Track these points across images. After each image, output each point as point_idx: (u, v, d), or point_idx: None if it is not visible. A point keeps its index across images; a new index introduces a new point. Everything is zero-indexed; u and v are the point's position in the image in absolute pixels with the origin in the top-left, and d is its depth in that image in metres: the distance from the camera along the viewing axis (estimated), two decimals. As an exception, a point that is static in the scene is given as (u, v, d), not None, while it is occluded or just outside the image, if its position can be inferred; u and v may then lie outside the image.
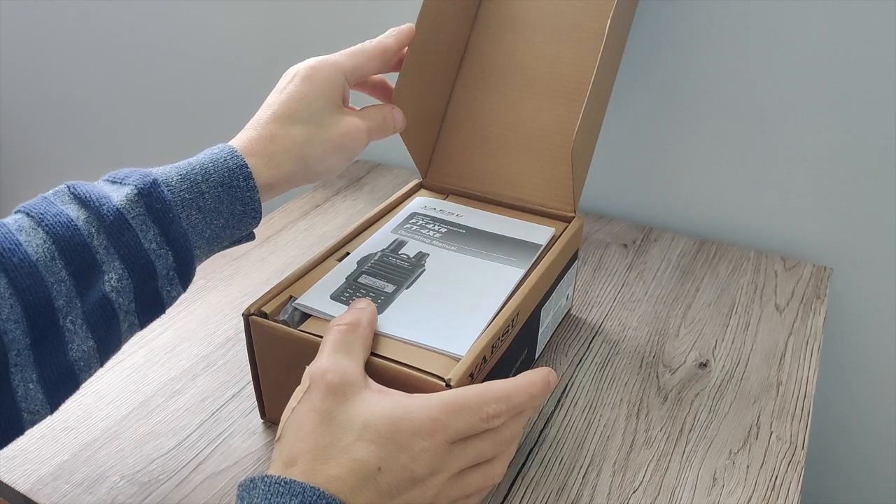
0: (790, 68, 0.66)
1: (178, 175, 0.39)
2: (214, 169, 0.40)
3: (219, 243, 0.42)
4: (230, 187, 0.40)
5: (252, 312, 0.44)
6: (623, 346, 0.59)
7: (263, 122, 0.44)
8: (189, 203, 0.39)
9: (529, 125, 0.58)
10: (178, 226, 0.38)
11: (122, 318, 0.38)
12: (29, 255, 0.34)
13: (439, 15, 0.55)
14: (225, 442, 0.49)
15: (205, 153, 0.42)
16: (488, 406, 0.35)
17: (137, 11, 1.04)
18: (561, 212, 0.55)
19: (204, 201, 0.39)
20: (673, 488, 0.46)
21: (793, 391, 0.54)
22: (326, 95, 0.45)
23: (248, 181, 0.41)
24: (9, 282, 0.33)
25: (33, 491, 0.45)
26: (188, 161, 0.41)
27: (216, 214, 0.40)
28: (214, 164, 0.40)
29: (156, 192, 0.38)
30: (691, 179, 0.75)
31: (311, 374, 0.36)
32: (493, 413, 0.35)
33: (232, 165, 0.41)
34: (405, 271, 0.48)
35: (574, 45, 0.58)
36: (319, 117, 0.44)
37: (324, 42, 0.90)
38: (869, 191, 0.67)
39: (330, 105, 0.45)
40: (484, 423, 0.35)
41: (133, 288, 0.38)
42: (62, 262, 0.35)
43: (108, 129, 1.20)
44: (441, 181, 0.60)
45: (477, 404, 0.35)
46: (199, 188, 0.39)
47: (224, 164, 0.40)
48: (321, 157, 0.44)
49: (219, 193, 0.40)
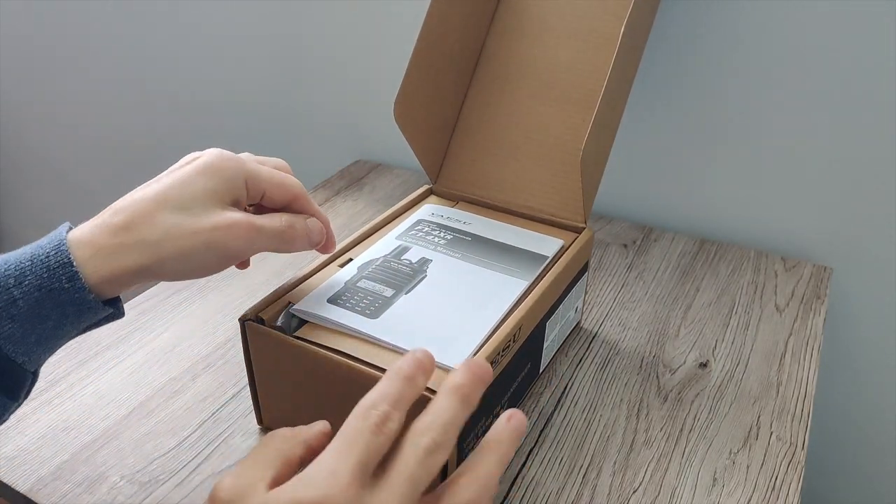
0: (790, 68, 0.66)
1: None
2: (31, 269, 0.35)
3: (60, 339, 0.37)
4: (49, 290, 0.35)
5: (248, 318, 0.44)
6: (623, 346, 0.59)
7: (130, 202, 0.38)
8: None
9: (543, 132, 0.57)
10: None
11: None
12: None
13: (447, 17, 0.54)
14: (225, 442, 0.49)
15: (33, 245, 0.36)
16: (369, 412, 0.30)
17: (139, 11, 1.04)
18: (571, 222, 0.54)
19: (17, 309, 0.34)
20: (673, 488, 0.46)
21: (793, 391, 0.54)
22: (212, 191, 0.38)
23: (74, 282, 0.35)
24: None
25: (33, 491, 0.45)
26: (7, 256, 0.36)
27: (38, 319, 0.35)
28: (33, 264, 0.35)
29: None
30: (691, 179, 0.75)
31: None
32: (378, 419, 0.30)
33: (53, 264, 0.35)
34: (406, 276, 0.47)
35: (591, 51, 0.57)
36: (194, 208, 0.38)
37: (325, 42, 0.90)
38: (869, 191, 0.67)
39: (212, 199, 0.38)
40: (377, 431, 0.30)
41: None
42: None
43: (109, 129, 1.20)
44: (451, 187, 0.59)
45: (360, 415, 0.30)
46: (9, 294, 0.34)
47: (43, 264, 0.35)
48: (183, 253, 0.37)
49: (36, 299, 0.35)
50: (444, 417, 0.31)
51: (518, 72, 0.59)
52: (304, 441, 0.33)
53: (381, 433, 0.30)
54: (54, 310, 0.35)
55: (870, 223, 0.69)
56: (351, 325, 0.42)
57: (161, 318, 0.61)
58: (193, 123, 1.09)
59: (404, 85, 0.52)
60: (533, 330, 0.48)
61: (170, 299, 0.63)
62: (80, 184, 1.33)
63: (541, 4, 0.59)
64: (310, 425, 0.34)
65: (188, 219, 0.37)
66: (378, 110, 0.91)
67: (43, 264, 0.35)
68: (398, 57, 0.83)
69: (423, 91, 0.54)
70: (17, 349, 0.35)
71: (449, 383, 0.32)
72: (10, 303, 0.34)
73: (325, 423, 0.34)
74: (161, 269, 0.37)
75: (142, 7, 1.03)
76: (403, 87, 0.52)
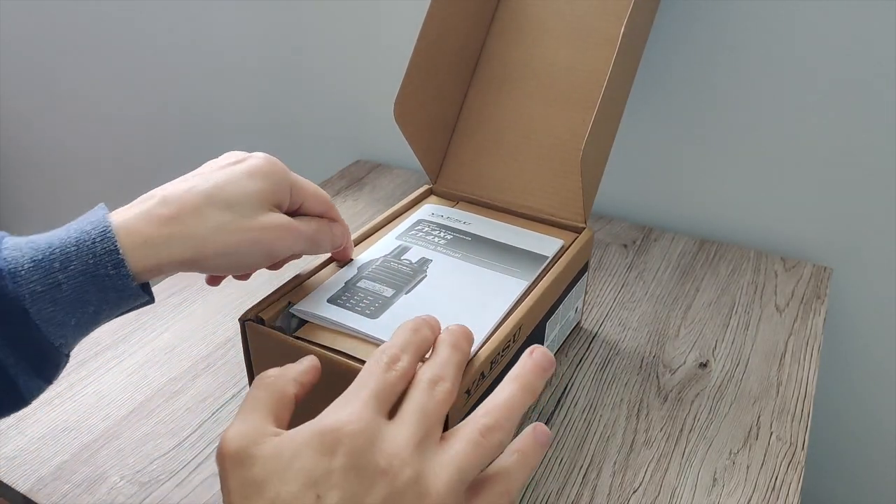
0: (790, 68, 0.66)
1: (30, 262, 0.34)
2: (77, 255, 0.35)
3: (97, 323, 0.37)
4: (94, 276, 0.35)
5: (248, 318, 0.44)
6: (623, 346, 0.59)
7: (178, 193, 0.38)
8: (41, 297, 0.34)
9: (543, 132, 0.57)
10: (22, 323, 0.34)
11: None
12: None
13: (448, 18, 0.54)
14: (225, 442, 0.49)
15: (75, 227, 0.36)
16: (380, 356, 0.32)
17: (142, 11, 1.04)
18: (571, 222, 0.54)
19: (61, 293, 0.34)
20: (673, 488, 0.46)
21: (793, 391, 0.54)
22: (262, 193, 0.40)
23: (119, 269, 0.35)
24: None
25: (33, 491, 0.45)
26: (51, 238, 0.35)
27: (80, 304, 0.35)
28: (78, 249, 0.35)
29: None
30: (691, 179, 0.75)
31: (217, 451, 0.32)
32: (389, 358, 0.32)
33: (99, 251, 0.35)
34: (406, 276, 0.47)
35: (591, 51, 0.57)
36: (242, 208, 0.39)
37: (325, 42, 0.90)
38: (869, 191, 0.67)
39: (260, 201, 0.40)
40: (387, 368, 0.32)
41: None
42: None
43: (110, 129, 1.20)
44: (451, 187, 0.59)
45: (371, 360, 0.32)
46: (54, 279, 0.34)
47: (89, 250, 0.35)
48: (228, 250, 0.38)
49: (81, 283, 0.35)
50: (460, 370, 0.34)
51: (518, 72, 0.59)
52: (294, 379, 0.34)
53: (391, 370, 0.32)
54: (96, 295, 0.35)
55: (870, 223, 0.69)
56: (351, 325, 0.42)
57: (161, 318, 0.61)
58: (193, 123, 1.09)
59: (404, 85, 0.52)
60: (533, 330, 0.48)
61: (170, 299, 0.63)
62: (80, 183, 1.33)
63: (541, 5, 0.59)
64: (297, 361, 0.35)
65: (236, 217, 0.39)
66: (378, 110, 0.91)
67: (89, 250, 0.35)
68: (398, 57, 0.83)
69: (423, 91, 0.54)
70: (57, 332, 0.35)
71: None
72: (55, 286, 0.34)
73: (312, 356, 0.36)
74: (204, 264, 0.38)
75: (141, 9, 1.03)
76: (403, 87, 0.52)
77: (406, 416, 0.30)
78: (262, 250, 0.40)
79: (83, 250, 0.35)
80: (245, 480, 0.29)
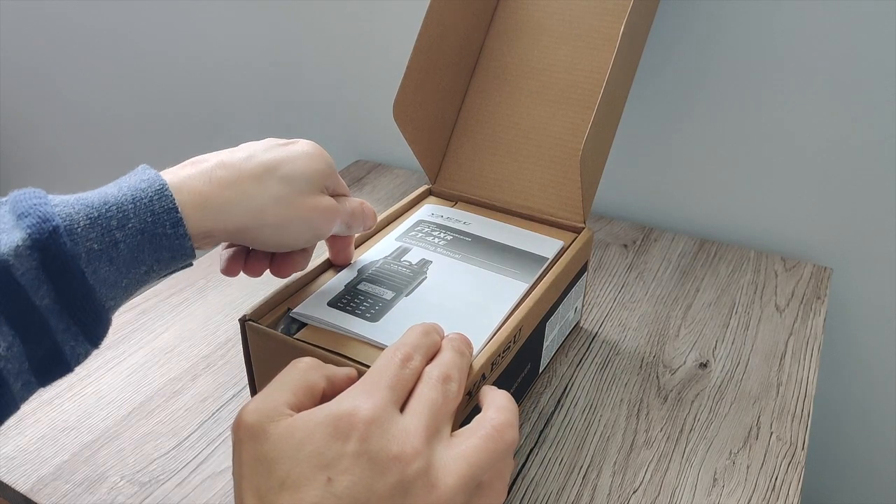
0: (790, 68, 0.66)
1: (86, 219, 0.33)
2: (135, 212, 0.34)
3: (144, 286, 0.36)
4: (153, 235, 0.34)
5: (248, 318, 0.43)
6: (623, 346, 0.59)
7: (237, 160, 0.38)
8: (98, 255, 0.33)
9: (542, 132, 0.57)
10: (80, 283, 0.32)
11: (13, 382, 0.32)
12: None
13: (447, 18, 0.54)
14: (225, 442, 0.49)
15: (128, 184, 0.35)
16: (394, 353, 0.33)
17: (142, 12, 1.04)
18: (570, 222, 0.54)
19: (118, 252, 0.33)
20: (673, 489, 0.46)
21: (793, 392, 0.54)
22: (318, 173, 0.41)
23: (178, 228, 0.35)
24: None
25: (33, 491, 0.45)
26: (104, 196, 0.34)
27: (135, 263, 0.34)
28: (136, 207, 0.34)
29: (54, 246, 0.31)
30: (691, 179, 0.75)
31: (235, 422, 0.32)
32: (403, 356, 0.33)
33: (158, 209, 0.34)
34: (406, 278, 0.47)
35: (590, 51, 0.57)
36: (300, 184, 0.40)
37: (324, 42, 0.90)
38: (869, 191, 0.67)
39: (315, 180, 0.41)
40: (402, 365, 0.33)
41: (25, 352, 0.32)
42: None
43: (112, 129, 1.20)
44: (450, 187, 0.59)
45: (384, 356, 0.33)
46: (111, 237, 0.33)
47: (147, 208, 0.34)
48: (284, 221, 0.39)
49: (138, 242, 0.34)
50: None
51: (517, 72, 0.59)
52: (329, 376, 0.34)
53: (405, 367, 0.33)
54: (151, 255, 0.35)
55: (870, 223, 0.69)
56: (351, 330, 0.42)
57: (161, 318, 0.61)
58: (193, 123, 1.09)
59: (404, 85, 0.52)
60: (533, 330, 0.48)
61: (170, 299, 0.63)
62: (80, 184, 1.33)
63: (540, 5, 0.59)
64: (338, 367, 0.36)
65: (294, 193, 0.39)
66: (378, 110, 0.91)
67: (147, 208, 0.34)
68: (398, 57, 0.83)
69: (423, 91, 0.54)
70: (109, 293, 0.34)
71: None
72: (112, 245, 0.33)
73: (351, 368, 0.36)
74: (256, 234, 0.39)
75: (141, 10, 1.03)
76: (403, 87, 0.52)
77: (418, 409, 0.31)
78: (311, 228, 0.41)
79: (140, 208, 0.34)
80: (257, 455, 0.29)
